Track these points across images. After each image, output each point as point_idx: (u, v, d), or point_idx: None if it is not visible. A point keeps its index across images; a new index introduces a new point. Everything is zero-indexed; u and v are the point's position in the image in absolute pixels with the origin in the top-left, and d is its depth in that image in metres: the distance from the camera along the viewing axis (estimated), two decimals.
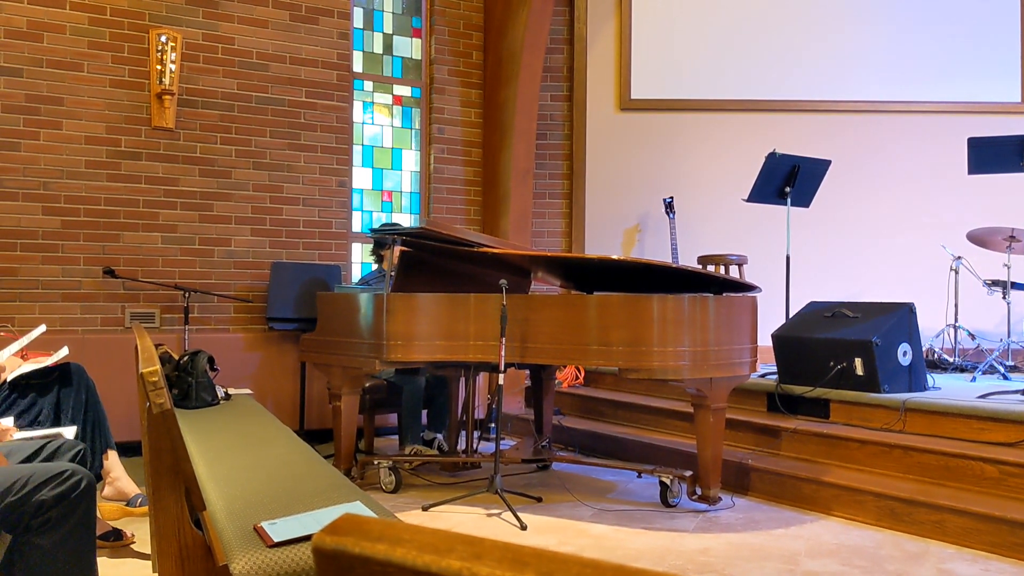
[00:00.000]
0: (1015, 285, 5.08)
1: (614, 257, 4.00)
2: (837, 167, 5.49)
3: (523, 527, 3.56)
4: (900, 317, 4.32)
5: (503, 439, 5.04)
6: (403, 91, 6.21)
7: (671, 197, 6.06)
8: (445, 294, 3.94)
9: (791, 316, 4.98)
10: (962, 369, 5.20)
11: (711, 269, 5.64)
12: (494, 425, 4.18)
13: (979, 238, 5.33)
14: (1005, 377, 4.80)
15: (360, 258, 5.98)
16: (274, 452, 2.70)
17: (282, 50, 5.57)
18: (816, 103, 6.35)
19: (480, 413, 5.42)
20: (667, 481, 3.94)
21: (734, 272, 5.76)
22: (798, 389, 4.43)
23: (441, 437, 4.87)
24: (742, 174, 5.76)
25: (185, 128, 5.26)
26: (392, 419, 5.48)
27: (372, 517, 0.73)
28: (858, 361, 4.23)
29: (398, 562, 0.56)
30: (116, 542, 3.13)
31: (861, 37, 6.38)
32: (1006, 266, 5.10)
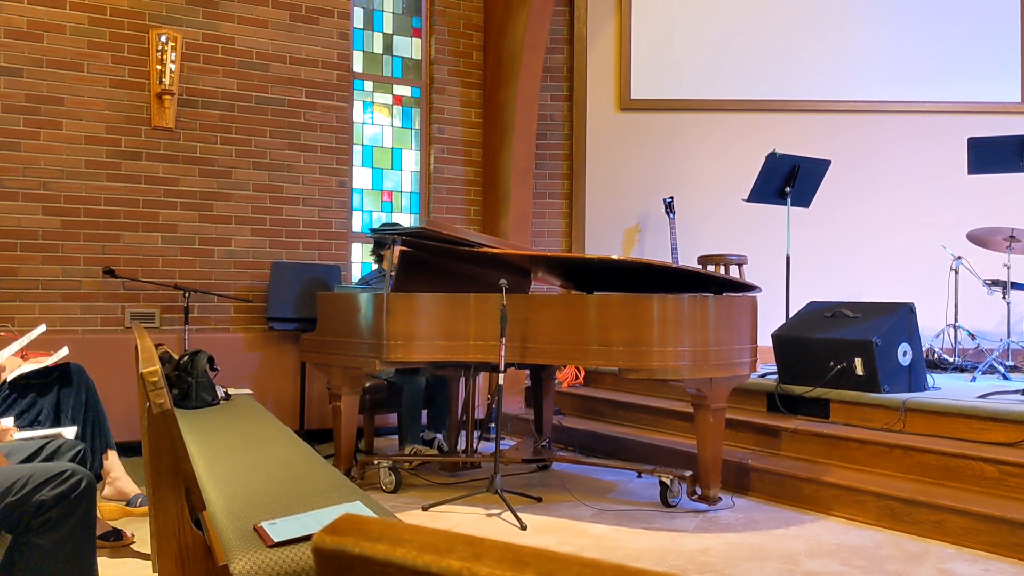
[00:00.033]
0: (1015, 285, 5.08)
1: (614, 257, 4.00)
2: (837, 167, 5.49)
3: (523, 527, 3.56)
4: (900, 317, 4.32)
5: (503, 439, 5.03)
6: (403, 91, 6.21)
7: (671, 197, 6.06)
8: (445, 294, 3.94)
9: (791, 316, 4.98)
10: (962, 369, 5.20)
11: (711, 269, 5.64)
12: (494, 425, 4.18)
13: (979, 238, 5.33)
14: (1005, 377, 4.80)
15: (360, 258, 5.98)
16: (274, 452, 2.70)
17: (282, 50, 5.57)
18: (816, 103, 6.35)
19: (480, 413, 5.42)
20: (667, 481, 3.94)
21: (734, 272, 5.76)
22: (798, 389, 4.43)
23: (441, 437, 4.87)
24: (742, 174, 5.76)
25: (185, 128, 5.26)
26: (392, 419, 5.48)
27: (372, 517, 0.73)
28: (858, 361, 4.23)
29: (398, 562, 0.56)
30: (116, 542, 3.14)
31: (861, 37, 6.38)
32: (1006, 266, 5.10)
